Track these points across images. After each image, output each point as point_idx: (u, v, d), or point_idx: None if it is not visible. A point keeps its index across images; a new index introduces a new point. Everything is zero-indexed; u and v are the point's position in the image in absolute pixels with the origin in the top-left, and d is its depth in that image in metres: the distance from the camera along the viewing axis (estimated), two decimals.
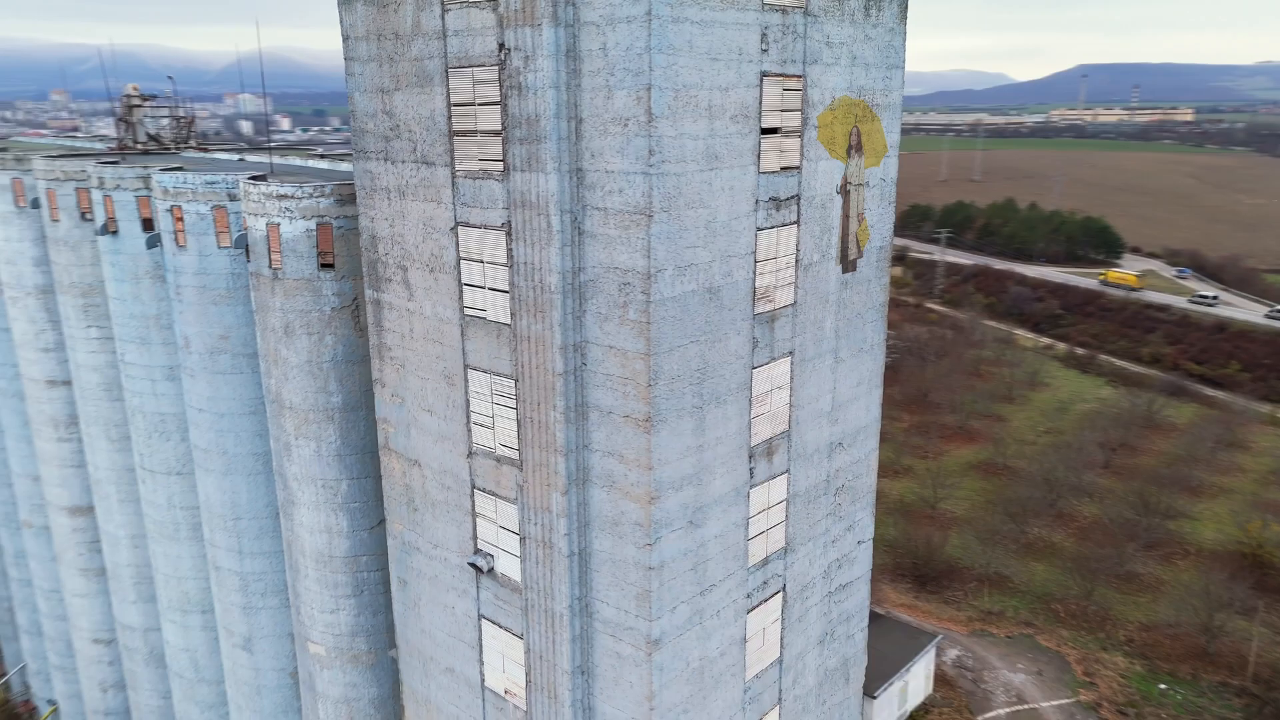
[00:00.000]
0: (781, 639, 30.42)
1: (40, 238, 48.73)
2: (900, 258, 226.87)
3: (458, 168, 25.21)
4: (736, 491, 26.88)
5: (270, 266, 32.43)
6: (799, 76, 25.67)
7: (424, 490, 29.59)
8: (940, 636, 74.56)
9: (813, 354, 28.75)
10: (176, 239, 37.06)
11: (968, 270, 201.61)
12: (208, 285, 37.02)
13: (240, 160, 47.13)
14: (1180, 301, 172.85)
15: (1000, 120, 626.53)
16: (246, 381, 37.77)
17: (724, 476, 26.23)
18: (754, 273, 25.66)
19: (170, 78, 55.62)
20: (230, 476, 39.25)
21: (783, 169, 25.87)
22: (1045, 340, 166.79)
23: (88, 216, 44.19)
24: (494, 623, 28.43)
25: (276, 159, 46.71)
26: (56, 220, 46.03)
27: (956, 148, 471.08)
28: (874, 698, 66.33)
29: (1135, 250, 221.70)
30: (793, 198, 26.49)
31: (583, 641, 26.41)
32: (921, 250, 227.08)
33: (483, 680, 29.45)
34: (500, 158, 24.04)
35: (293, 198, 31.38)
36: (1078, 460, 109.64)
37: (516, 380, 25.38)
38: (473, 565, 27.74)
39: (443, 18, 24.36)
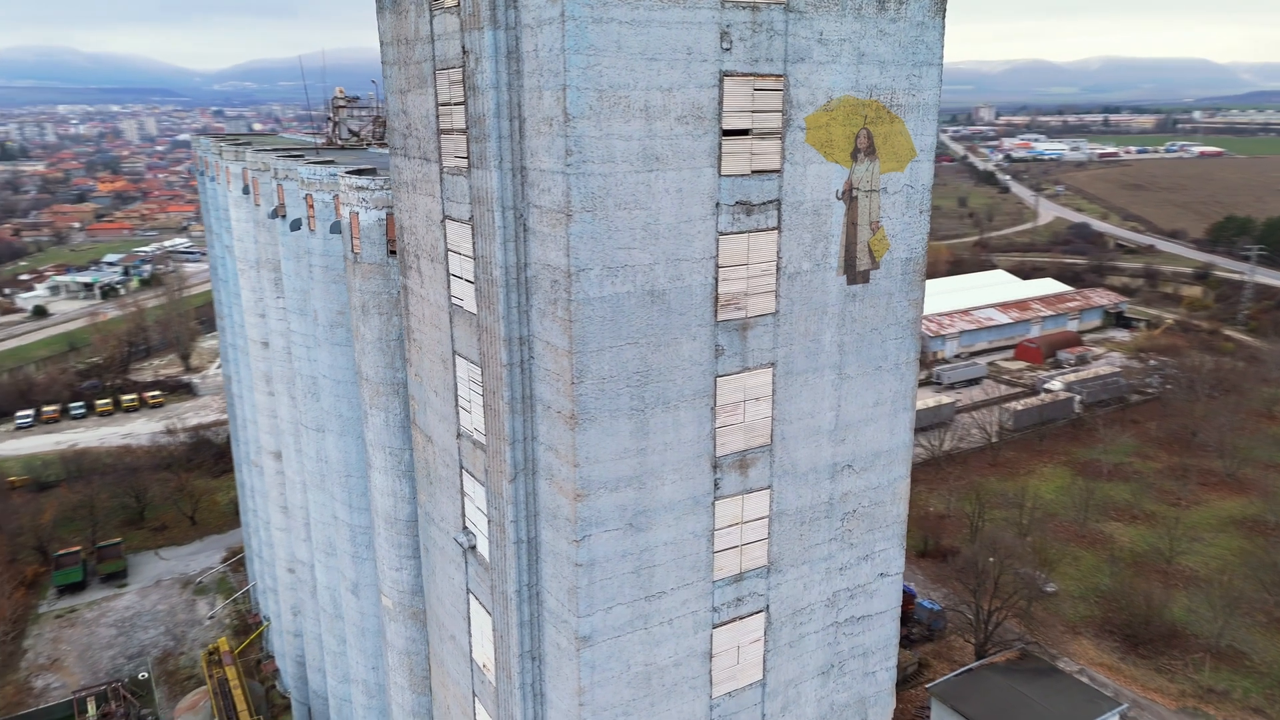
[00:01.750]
0: (765, 661, 29.21)
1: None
2: (1202, 276, 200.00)
3: (444, 164, 26.85)
4: (695, 501, 26.29)
5: (353, 251, 36.05)
6: (777, 76, 24.53)
7: (435, 465, 31.71)
8: (1125, 706, 66.16)
9: (804, 367, 27.29)
10: (309, 224, 42.05)
11: None
12: (330, 265, 41.67)
13: None
14: None
15: None
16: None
17: (676, 484, 25.77)
18: (715, 278, 24.95)
19: (374, 82, 62.26)
20: (344, 437, 43.95)
21: (755, 172, 24.87)
22: None
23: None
24: (476, 598, 29.94)
25: None
26: (258, 205, 53.57)
27: None
28: None
29: None
30: (770, 202, 25.36)
31: (532, 628, 27.18)
32: (1230, 269, 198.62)
33: (470, 651, 31.10)
34: (466, 155, 25.35)
35: (368, 189, 34.68)
36: None
37: (482, 368, 26.63)
38: (456, 541, 29.42)
39: (431, 23, 26.06)
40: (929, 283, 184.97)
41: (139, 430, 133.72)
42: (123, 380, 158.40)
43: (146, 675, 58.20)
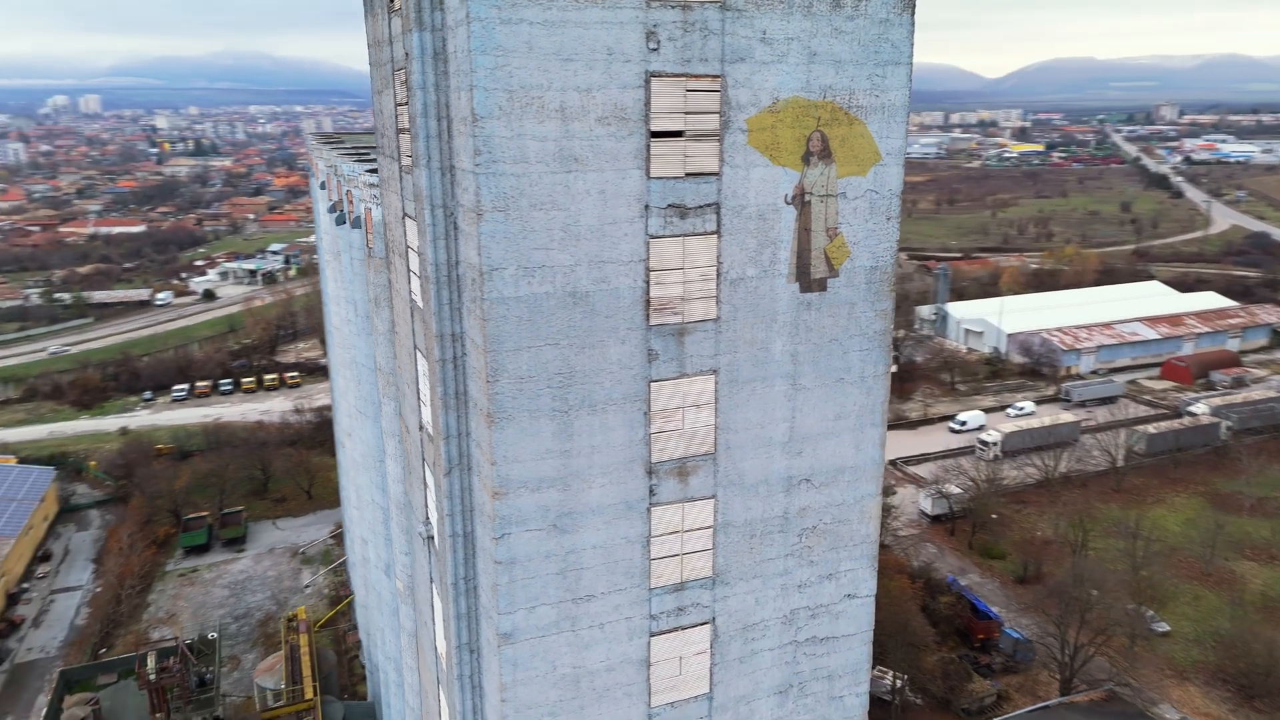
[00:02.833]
0: (711, 675, 28.52)
1: None
2: None
3: (401, 162, 27.61)
4: (627, 506, 25.98)
5: (367, 245, 37.57)
6: (714, 76, 23.89)
7: (411, 456, 32.64)
8: None
9: (751, 376, 26.45)
10: (349, 218, 44.06)
11: None
12: (363, 258, 43.52)
13: None
14: None
15: None
16: None
17: (605, 487, 25.55)
18: (646, 281, 24.56)
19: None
20: (376, 422, 45.82)
21: (690, 175, 24.31)
22: None
23: None
24: (435, 588, 30.65)
25: None
26: (332, 198, 56.52)
27: None
28: None
29: None
30: (708, 206, 24.72)
31: (470, 620, 27.59)
32: None
33: (434, 638, 31.86)
34: (411, 154, 25.99)
35: (378, 186, 36.02)
36: None
37: (429, 363, 27.23)
38: (418, 531, 30.21)
39: (389, 25, 26.85)
40: (1067, 293, 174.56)
41: (275, 408, 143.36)
42: (269, 361, 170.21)
43: (215, 636, 62.58)
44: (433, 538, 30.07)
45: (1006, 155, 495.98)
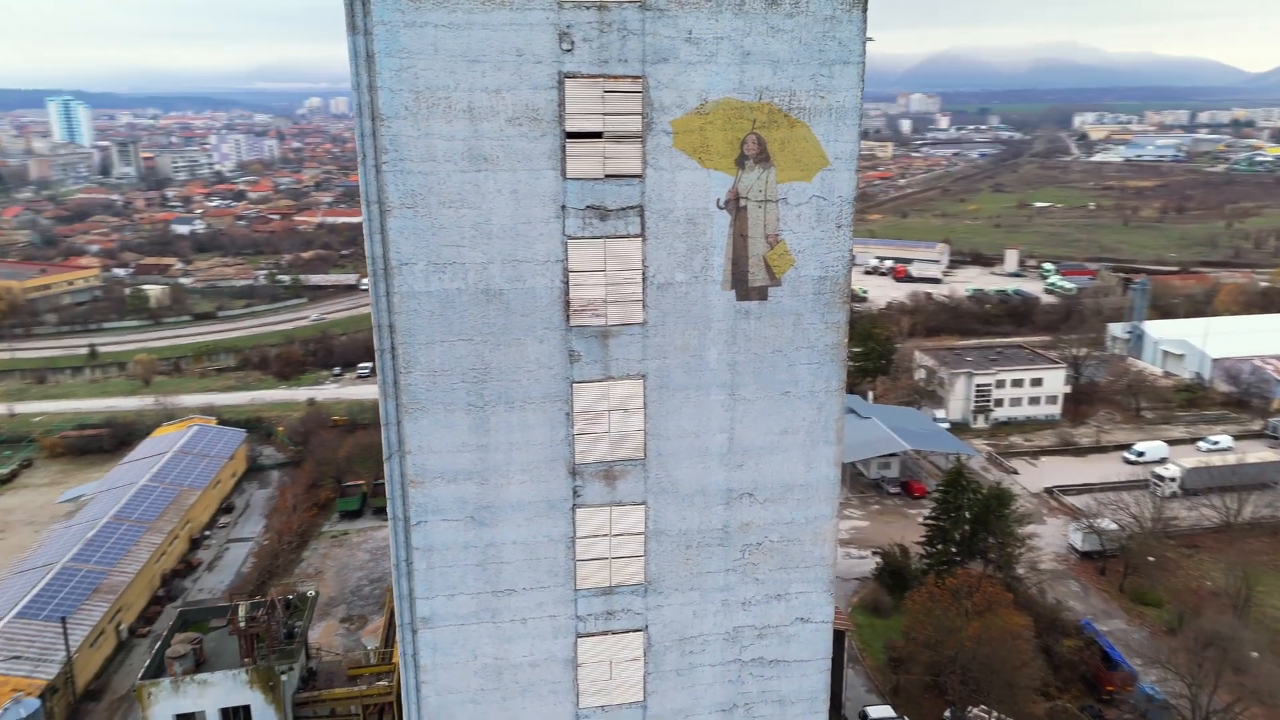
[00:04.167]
0: (645, 683, 28.05)
1: None
2: None
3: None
4: (549, 505, 26.08)
5: None
6: (634, 77, 23.50)
7: None
8: None
9: (683, 383, 25.77)
10: None
11: None
12: None
13: None
14: None
15: None
16: None
17: (525, 484, 25.79)
18: (565, 282, 24.56)
19: None
20: None
21: (610, 176, 24.05)
22: None
23: None
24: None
25: None
26: None
27: None
28: None
29: None
30: (631, 208, 24.33)
31: (409, 601, 28.58)
32: None
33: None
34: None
35: None
36: None
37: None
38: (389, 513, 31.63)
39: None
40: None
41: None
42: None
43: (312, 594, 67.66)
44: None
45: (1259, 159, 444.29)
